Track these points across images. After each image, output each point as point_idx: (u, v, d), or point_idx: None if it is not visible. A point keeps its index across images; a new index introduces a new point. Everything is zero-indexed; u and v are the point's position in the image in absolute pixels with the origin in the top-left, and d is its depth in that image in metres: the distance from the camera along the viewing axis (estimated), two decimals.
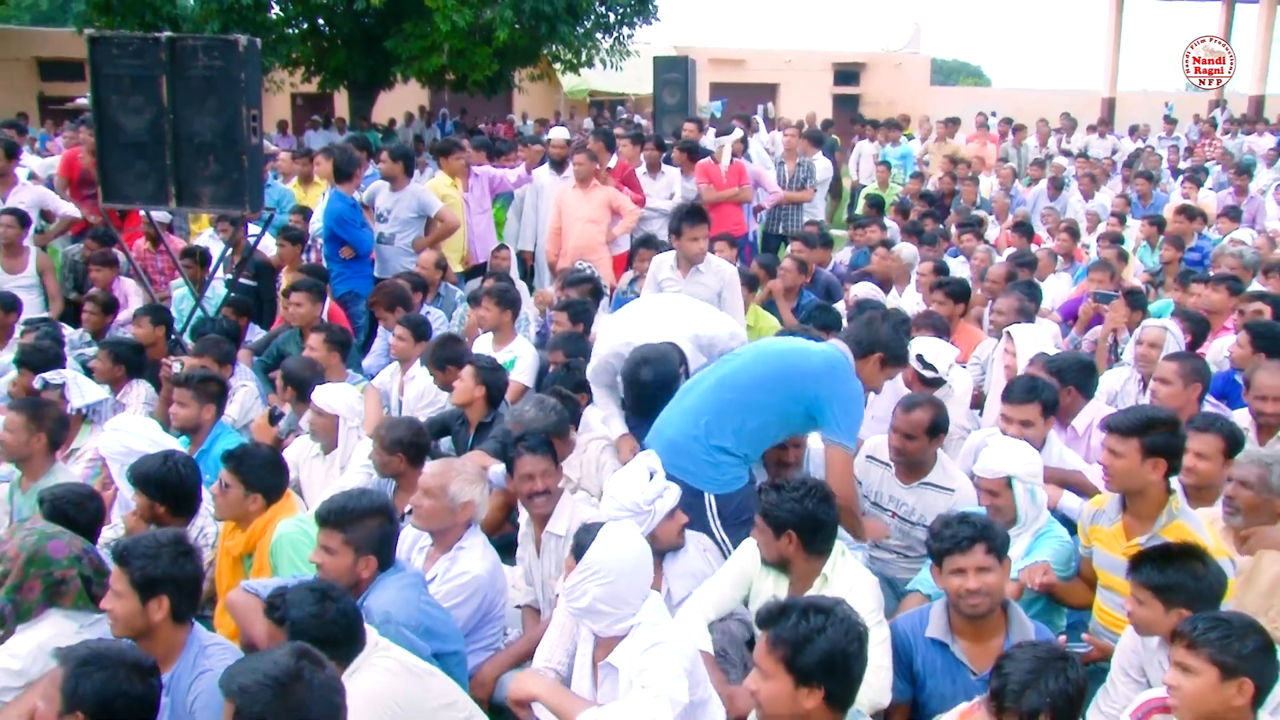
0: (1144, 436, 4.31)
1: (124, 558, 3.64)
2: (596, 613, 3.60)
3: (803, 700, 3.01)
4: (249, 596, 4.18)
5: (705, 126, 13.28)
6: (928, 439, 5.03)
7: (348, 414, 5.84)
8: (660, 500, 4.27)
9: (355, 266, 9.10)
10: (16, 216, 9.15)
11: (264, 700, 2.75)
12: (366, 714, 3.34)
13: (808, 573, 4.04)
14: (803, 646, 2.99)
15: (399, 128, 25.24)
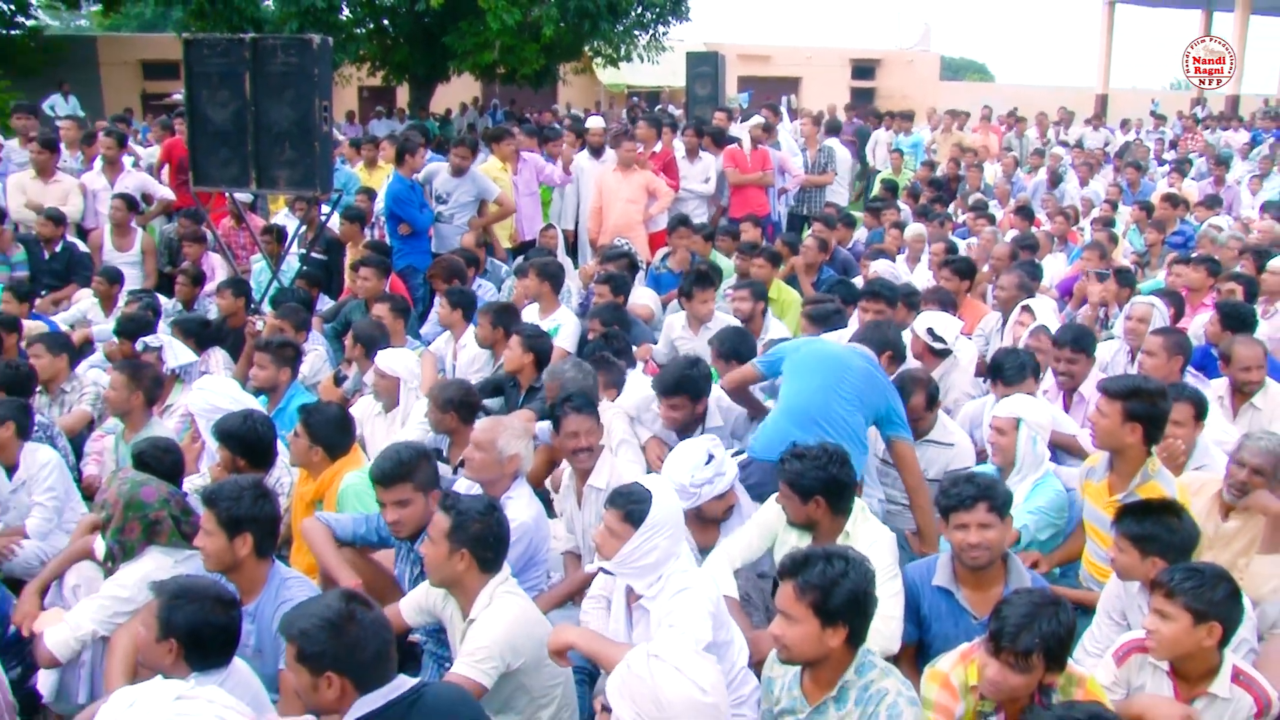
0: (1126, 401, 4.32)
1: (212, 500, 3.72)
2: (654, 567, 3.56)
3: (828, 640, 3.04)
4: (319, 524, 4.28)
5: (734, 116, 13.22)
6: (925, 405, 5.16)
7: (407, 376, 5.87)
8: (708, 486, 4.23)
9: (413, 243, 9.16)
10: (125, 200, 9.31)
11: (321, 640, 2.81)
12: (508, 632, 3.45)
13: (831, 530, 4.02)
14: (831, 590, 3.00)
15: (454, 117, 25.23)
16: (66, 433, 5.94)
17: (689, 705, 2.50)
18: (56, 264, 8.91)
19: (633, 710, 2.49)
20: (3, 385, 5.52)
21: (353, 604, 2.89)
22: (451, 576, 3.59)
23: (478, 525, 3.54)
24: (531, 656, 3.53)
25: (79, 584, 4.33)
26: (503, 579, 3.63)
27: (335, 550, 4.21)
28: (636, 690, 2.50)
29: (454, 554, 3.54)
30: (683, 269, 8.68)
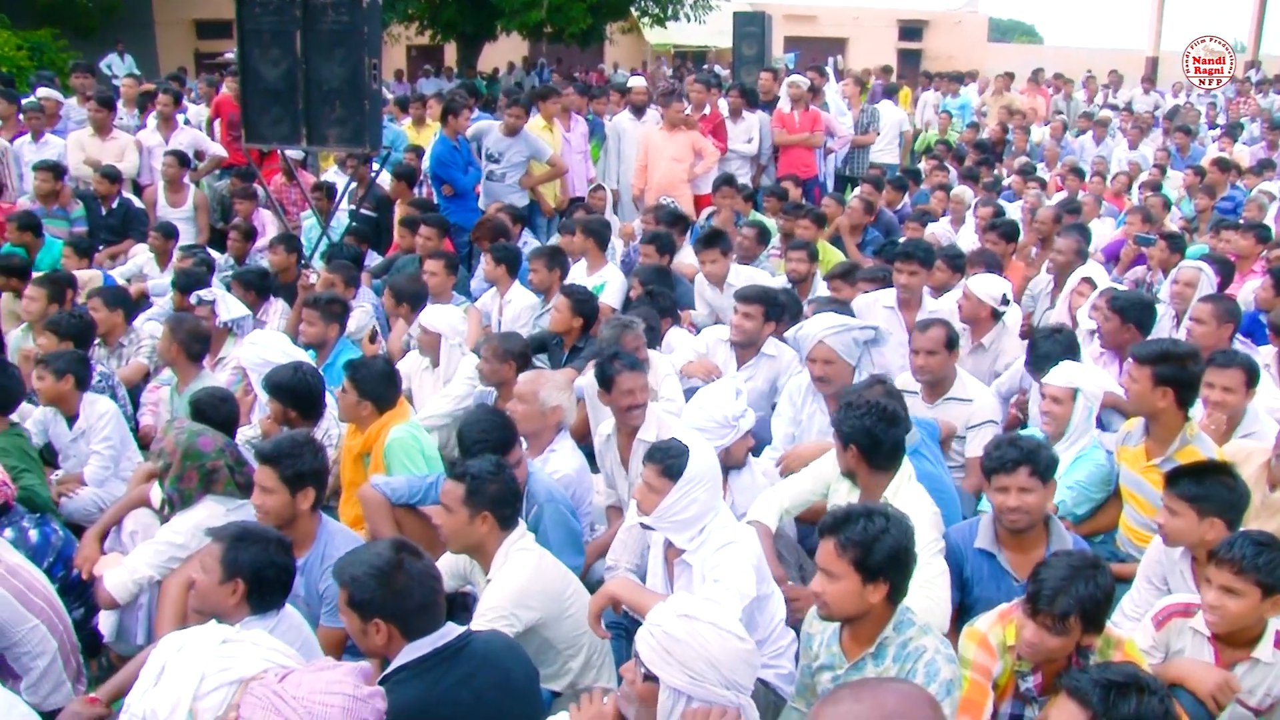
0: (1155, 366, 4.30)
1: (272, 458, 3.76)
2: (694, 521, 3.57)
3: (869, 596, 3.03)
4: (376, 494, 4.30)
5: (780, 77, 13.09)
6: (946, 352, 5.09)
7: (449, 333, 5.90)
8: (743, 419, 4.25)
9: (459, 201, 9.21)
10: (177, 157, 9.40)
11: (371, 587, 2.85)
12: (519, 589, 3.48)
13: (871, 486, 4.01)
14: (871, 546, 2.99)
15: (502, 76, 25.15)
16: (124, 384, 6.03)
17: (737, 656, 2.53)
18: (113, 220, 9.01)
19: (685, 675, 2.49)
20: (66, 336, 5.61)
21: (402, 554, 2.93)
22: (474, 541, 3.62)
23: (494, 485, 3.57)
24: (548, 610, 3.56)
25: (136, 530, 4.42)
26: (518, 535, 3.65)
27: (391, 523, 4.26)
28: (683, 654, 2.50)
29: (475, 518, 3.56)
30: (728, 228, 8.63)
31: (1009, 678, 3.24)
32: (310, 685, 2.13)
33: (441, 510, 3.63)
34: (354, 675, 2.18)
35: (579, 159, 10.41)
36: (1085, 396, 4.62)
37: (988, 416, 5.10)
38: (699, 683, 2.50)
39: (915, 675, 3.00)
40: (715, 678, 2.50)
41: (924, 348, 5.10)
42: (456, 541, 3.65)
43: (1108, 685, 2.45)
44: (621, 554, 4.17)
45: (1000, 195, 10.36)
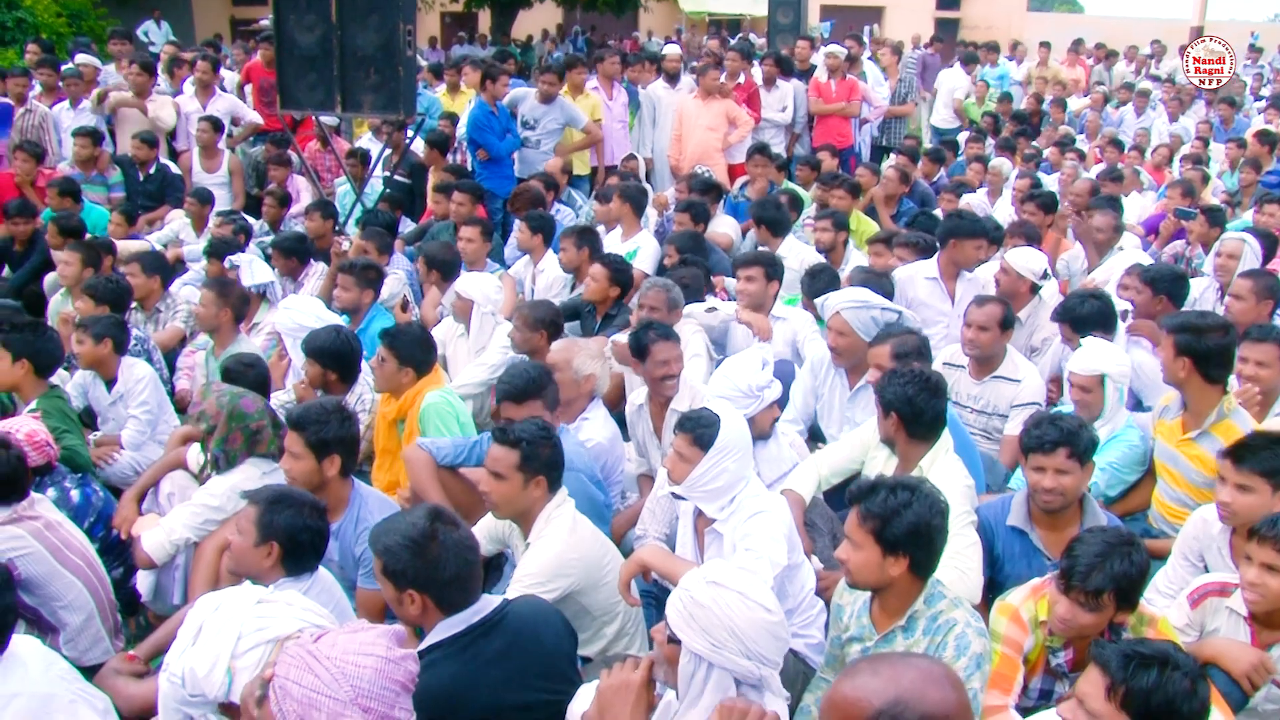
0: (1176, 335, 4.29)
1: (299, 424, 3.77)
2: (724, 490, 3.57)
3: (889, 568, 3.01)
4: (423, 453, 4.32)
5: (816, 46, 12.97)
6: (999, 330, 5.03)
7: (482, 300, 5.90)
8: (768, 390, 4.24)
9: (493, 168, 9.19)
10: (212, 123, 9.45)
11: (404, 558, 2.84)
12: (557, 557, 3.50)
13: (909, 455, 4.00)
14: (890, 519, 2.97)
15: (535, 43, 25.06)
16: (161, 348, 6.09)
17: (760, 627, 2.49)
18: (151, 185, 9.06)
19: (706, 641, 2.48)
20: (103, 300, 5.67)
21: (437, 524, 2.90)
22: (525, 506, 3.62)
23: (546, 449, 3.58)
24: (584, 577, 3.57)
25: (173, 492, 4.47)
26: (559, 501, 3.66)
27: (436, 484, 4.27)
28: (707, 620, 2.48)
29: (529, 483, 3.57)
30: (760, 198, 8.60)
31: (1040, 653, 3.23)
32: (344, 646, 2.14)
33: (490, 477, 3.63)
34: (387, 637, 2.20)
35: (619, 128, 10.36)
36: (1113, 379, 4.56)
37: (1033, 397, 5.05)
38: (719, 649, 2.48)
39: (945, 648, 2.99)
40: (736, 646, 2.48)
41: (978, 322, 5.03)
42: (507, 507, 3.65)
43: (1131, 656, 2.43)
44: (650, 523, 4.18)
45: (1038, 167, 10.24)
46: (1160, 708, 2.38)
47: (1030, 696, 3.27)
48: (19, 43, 13.56)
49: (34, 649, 3.02)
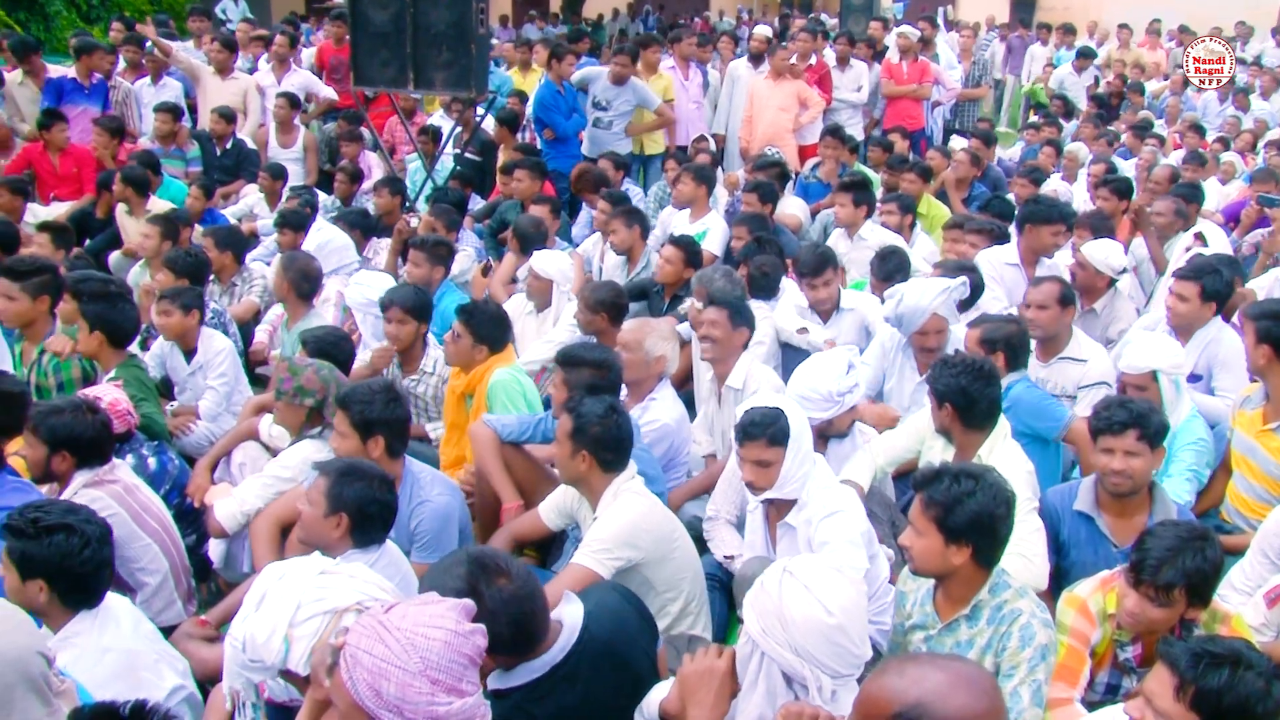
0: (1257, 323, 4.30)
1: (345, 402, 3.80)
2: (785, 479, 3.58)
3: (951, 556, 2.98)
4: (487, 430, 4.35)
5: (889, 26, 12.79)
6: (1059, 308, 4.94)
7: (560, 279, 5.92)
8: (850, 395, 4.21)
9: (560, 147, 9.21)
10: (288, 99, 9.55)
11: None
12: (628, 527, 3.52)
13: (966, 444, 3.95)
14: (953, 507, 2.93)
15: (606, 22, 25.00)
16: (236, 321, 6.19)
17: (812, 625, 2.37)
18: (227, 160, 9.21)
19: (759, 625, 2.44)
20: (182, 273, 5.77)
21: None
22: (576, 475, 3.68)
23: (597, 428, 3.59)
24: (653, 552, 3.57)
25: (244, 462, 4.55)
26: (628, 477, 3.67)
27: (499, 461, 4.30)
28: (761, 604, 2.46)
29: (575, 455, 3.61)
30: (831, 179, 8.52)
31: (1108, 646, 3.18)
32: (414, 618, 2.17)
33: (555, 442, 3.70)
34: (457, 611, 2.21)
35: (693, 108, 10.32)
36: (1165, 373, 4.43)
37: (1101, 378, 4.94)
38: (766, 636, 2.42)
39: (1010, 639, 2.96)
40: (781, 636, 2.39)
41: (1037, 301, 4.97)
42: (563, 472, 3.73)
43: (1201, 654, 2.38)
44: (722, 504, 4.21)
45: (1115, 152, 10.02)
46: (1232, 708, 2.33)
47: (1096, 691, 3.23)
48: (104, 20, 13.85)
49: (125, 607, 3.12)
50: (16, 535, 2.87)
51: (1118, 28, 16.98)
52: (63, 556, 2.85)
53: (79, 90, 9.19)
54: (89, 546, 2.87)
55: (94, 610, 2.96)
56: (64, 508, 2.99)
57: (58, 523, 2.88)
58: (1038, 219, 6.04)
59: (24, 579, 2.86)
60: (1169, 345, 4.58)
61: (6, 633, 2.36)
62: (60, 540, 2.85)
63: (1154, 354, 4.46)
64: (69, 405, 3.76)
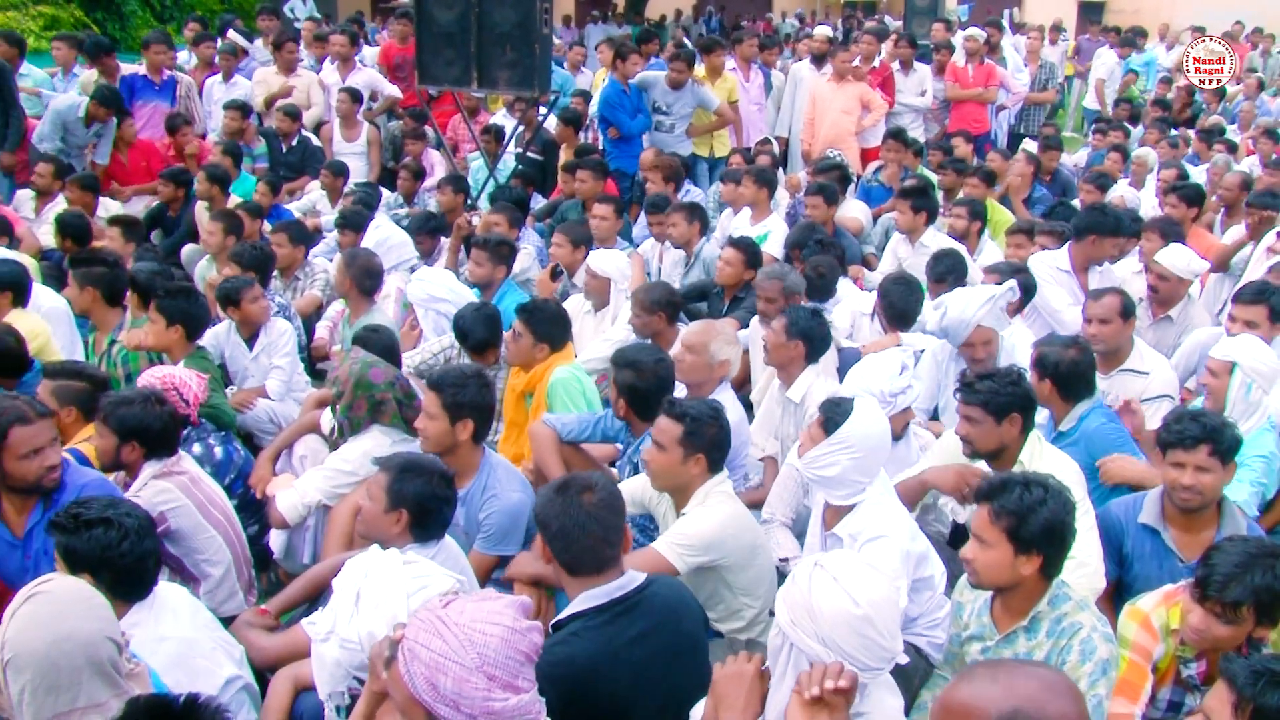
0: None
1: (438, 385, 3.83)
2: (838, 482, 3.51)
3: (1021, 567, 2.94)
4: (547, 429, 4.38)
5: (953, 28, 12.66)
6: (1121, 321, 4.86)
7: (618, 277, 5.92)
8: (903, 396, 4.16)
9: (624, 147, 9.21)
10: (351, 94, 9.66)
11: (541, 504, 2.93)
12: (716, 528, 3.51)
13: (1012, 458, 3.85)
14: (1026, 517, 2.89)
15: (669, 23, 25.01)
16: (298, 315, 6.29)
17: (839, 617, 2.34)
18: (293, 156, 9.35)
19: (788, 616, 2.41)
20: (248, 266, 5.88)
21: (572, 489, 2.93)
22: (683, 481, 3.63)
23: (712, 429, 3.58)
24: (735, 557, 3.56)
25: (306, 454, 4.62)
26: (720, 480, 3.66)
27: (558, 460, 4.31)
28: (792, 596, 2.43)
29: (689, 459, 3.58)
30: (893, 183, 8.46)
31: (1170, 662, 3.12)
32: (472, 614, 2.18)
33: (653, 448, 3.65)
34: (514, 608, 2.23)
35: (754, 110, 10.30)
36: (1244, 371, 4.35)
37: (1164, 391, 4.86)
38: (795, 627, 2.39)
39: (1070, 652, 2.91)
40: (809, 628, 2.36)
41: (1098, 315, 4.88)
42: (664, 479, 3.67)
43: (1261, 672, 2.33)
44: (778, 507, 4.19)
45: (1185, 157, 9.82)
46: None
47: (1158, 707, 3.17)
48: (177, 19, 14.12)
49: (182, 597, 3.16)
50: (60, 530, 2.92)
51: (1190, 30, 16.61)
52: (103, 549, 2.89)
53: (150, 87, 9.39)
54: (128, 539, 2.90)
55: (148, 600, 3.01)
56: (105, 502, 3.03)
57: (97, 517, 2.93)
58: (1103, 230, 5.95)
59: (72, 573, 2.89)
60: (1262, 350, 4.49)
61: (77, 616, 2.40)
62: (99, 534, 2.89)
63: (1244, 350, 4.41)
64: (139, 396, 3.84)
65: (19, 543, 3.46)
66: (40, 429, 3.39)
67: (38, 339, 4.99)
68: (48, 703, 2.32)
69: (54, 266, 6.77)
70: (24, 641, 2.33)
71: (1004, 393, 3.78)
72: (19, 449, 3.34)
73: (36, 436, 3.37)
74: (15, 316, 5.08)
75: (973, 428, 3.83)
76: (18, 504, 3.44)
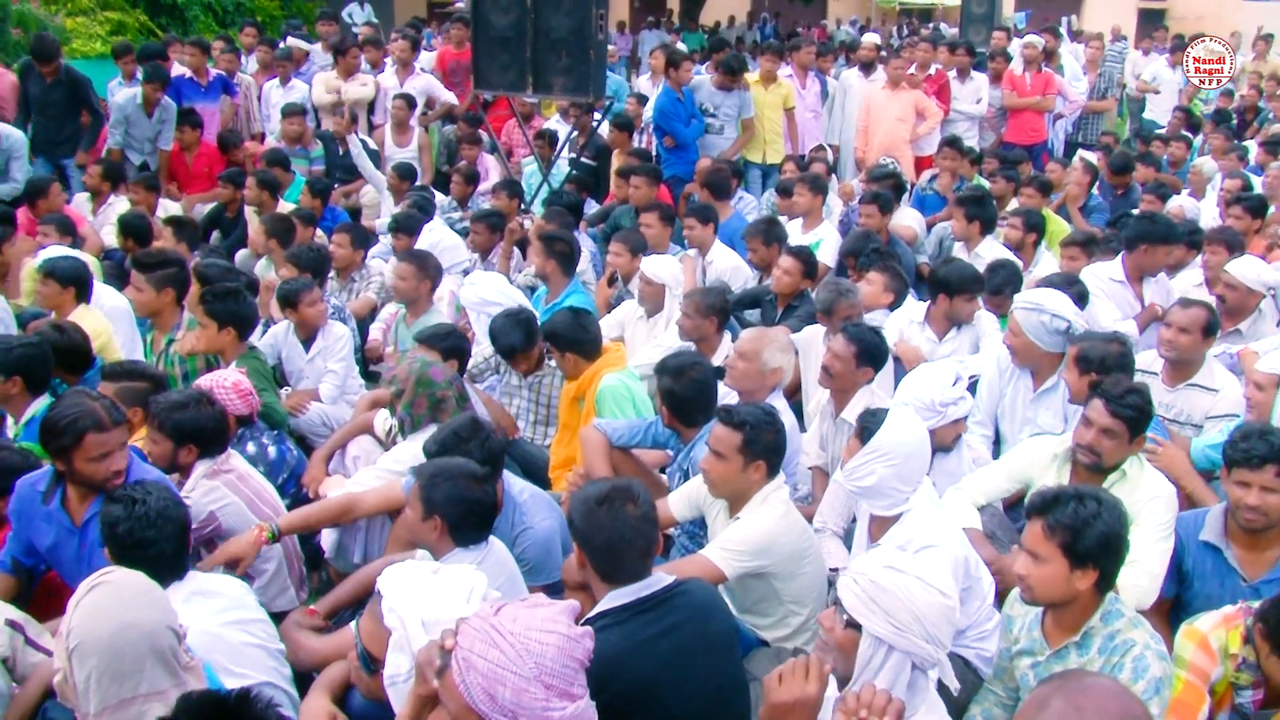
0: None
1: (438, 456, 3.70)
2: (878, 492, 3.50)
3: (1076, 582, 2.89)
4: (597, 434, 4.39)
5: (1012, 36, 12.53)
6: (1201, 336, 4.72)
7: (672, 283, 5.91)
8: (954, 407, 4.12)
9: (679, 153, 9.20)
10: (406, 100, 9.76)
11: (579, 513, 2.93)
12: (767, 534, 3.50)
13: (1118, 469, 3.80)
14: (1082, 531, 2.84)
15: (723, 29, 24.99)
16: (354, 316, 6.34)
17: (938, 611, 2.49)
18: (349, 159, 9.44)
19: (888, 624, 2.45)
20: (306, 268, 5.96)
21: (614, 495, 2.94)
22: (743, 488, 3.61)
23: (769, 435, 3.57)
24: (783, 565, 3.54)
25: (358, 455, 4.65)
26: (777, 485, 3.64)
27: (608, 465, 4.33)
28: (889, 604, 2.46)
29: (749, 466, 3.56)
30: (947, 192, 8.37)
31: (1227, 686, 3.04)
32: (526, 621, 2.18)
33: (711, 455, 3.63)
34: (566, 614, 2.22)
35: (810, 117, 10.28)
36: None
37: (1231, 410, 4.72)
38: (902, 634, 2.45)
39: (1122, 670, 2.85)
40: (918, 630, 2.46)
41: (1179, 323, 4.73)
42: (723, 487, 3.65)
43: None
44: (830, 516, 4.18)
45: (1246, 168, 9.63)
46: None
47: None
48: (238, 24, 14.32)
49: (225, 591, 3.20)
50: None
51: (1256, 38, 16.26)
52: (108, 526, 3.02)
53: (195, 89, 9.53)
54: (127, 521, 3.00)
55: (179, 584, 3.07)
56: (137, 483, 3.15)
57: (118, 494, 3.09)
58: (1155, 238, 5.85)
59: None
60: None
61: (141, 606, 2.47)
62: (110, 510, 3.05)
63: None
64: (190, 399, 3.89)
65: (77, 531, 3.53)
66: (113, 435, 3.44)
67: (100, 337, 5.08)
68: (112, 689, 2.37)
69: (115, 266, 6.90)
70: (89, 629, 2.39)
71: (1147, 412, 3.72)
72: (91, 451, 3.40)
73: (109, 442, 3.42)
74: (80, 314, 5.18)
75: (1107, 440, 3.72)
76: (80, 493, 3.52)
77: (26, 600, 3.63)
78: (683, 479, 4.22)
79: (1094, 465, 3.75)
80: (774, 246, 6.59)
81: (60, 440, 3.38)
